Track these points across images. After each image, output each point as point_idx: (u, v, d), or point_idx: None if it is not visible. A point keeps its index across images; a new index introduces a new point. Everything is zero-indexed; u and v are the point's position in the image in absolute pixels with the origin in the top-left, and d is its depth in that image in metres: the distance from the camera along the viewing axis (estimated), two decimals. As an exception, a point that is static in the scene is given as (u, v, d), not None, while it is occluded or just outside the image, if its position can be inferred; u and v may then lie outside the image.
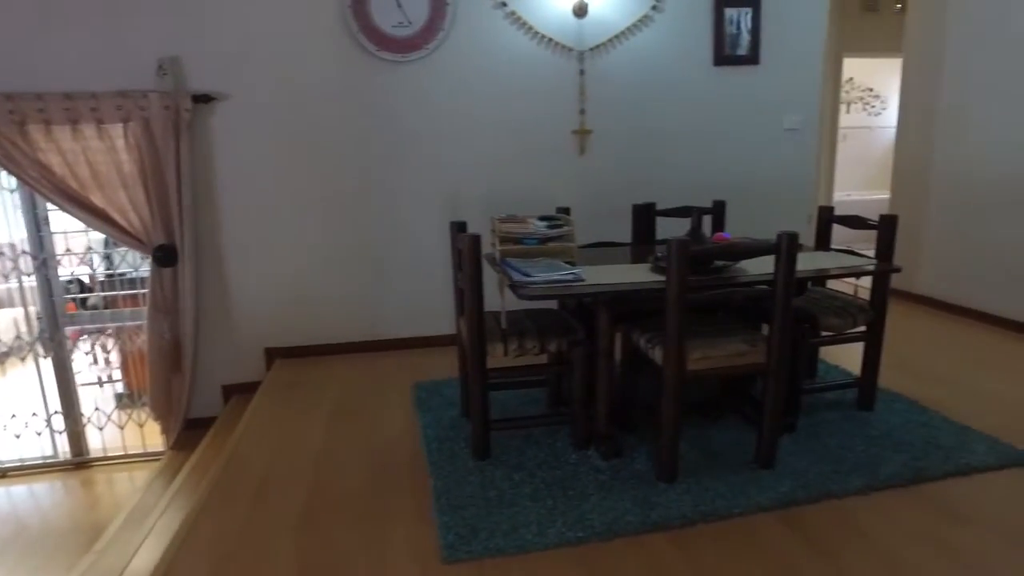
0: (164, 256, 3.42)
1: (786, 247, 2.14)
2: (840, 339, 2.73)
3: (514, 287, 2.24)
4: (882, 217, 2.67)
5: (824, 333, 2.69)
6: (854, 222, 2.87)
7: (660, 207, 3.94)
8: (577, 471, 2.41)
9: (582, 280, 2.30)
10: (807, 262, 2.60)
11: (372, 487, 2.40)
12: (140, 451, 3.84)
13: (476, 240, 2.29)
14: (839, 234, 3.05)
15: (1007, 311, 4.09)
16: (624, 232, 3.52)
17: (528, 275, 2.31)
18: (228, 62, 3.43)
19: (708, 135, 4.04)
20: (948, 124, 4.40)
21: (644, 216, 3.30)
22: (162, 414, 3.65)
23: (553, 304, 2.96)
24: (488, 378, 2.42)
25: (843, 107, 7.89)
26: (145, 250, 3.44)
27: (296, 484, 2.44)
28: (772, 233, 2.17)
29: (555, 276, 2.30)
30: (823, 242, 3.05)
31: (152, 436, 3.84)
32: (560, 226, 2.73)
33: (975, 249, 4.26)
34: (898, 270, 2.55)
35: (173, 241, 3.44)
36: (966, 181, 4.30)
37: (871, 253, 2.73)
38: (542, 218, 2.84)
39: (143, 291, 3.62)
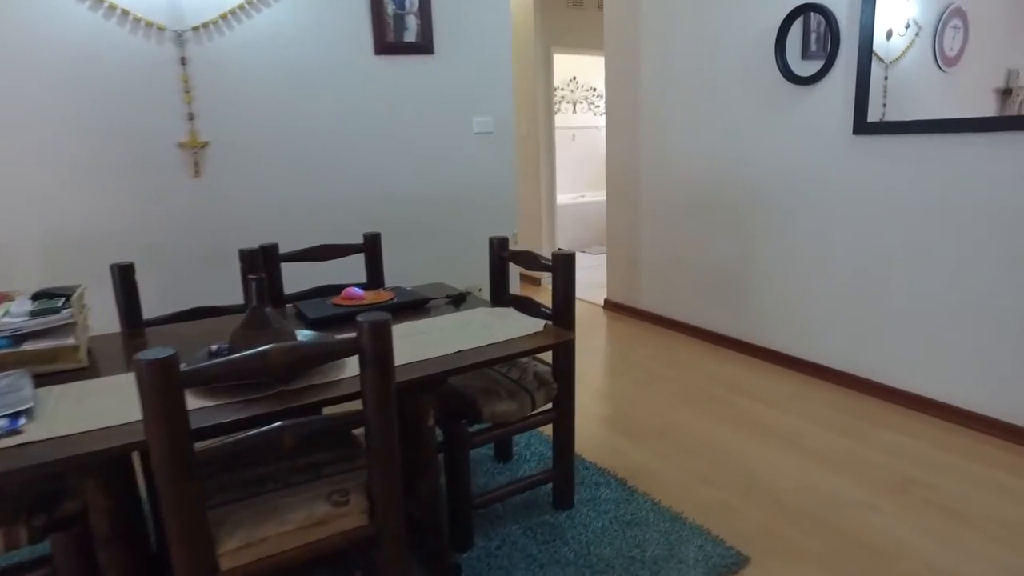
0: None
1: (370, 341, 1.29)
2: (518, 427, 1.99)
3: None
4: (555, 256, 1.97)
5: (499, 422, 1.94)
6: (528, 260, 2.16)
7: (314, 241, 3.02)
8: None
9: (16, 429, 1.25)
10: (449, 334, 1.81)
11: None
12: None
13: None
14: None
15: (706, 323, 3.83)
16: (249, 285, 2.51)
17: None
18: None
19: (378, 145, 3.18)
20: (649, 128, 4.04)
21: (260, 265, 2.31)
22: None
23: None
24: None
25: (571, 106, 7.67)
26: None
27: None
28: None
29: (-38, 430, 1.22)
30: (499, 284, 2.32)
31: None
32: (56, 309, 1.64)
33: (676, 260, 3.95)
34: (569, 341, 1.83)
35: None
36: (666, 188, 3.96)
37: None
38: (36, 295, 1.73)
39: None
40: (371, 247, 2.51)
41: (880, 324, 2.95)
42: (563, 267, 1.94)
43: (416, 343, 1.73)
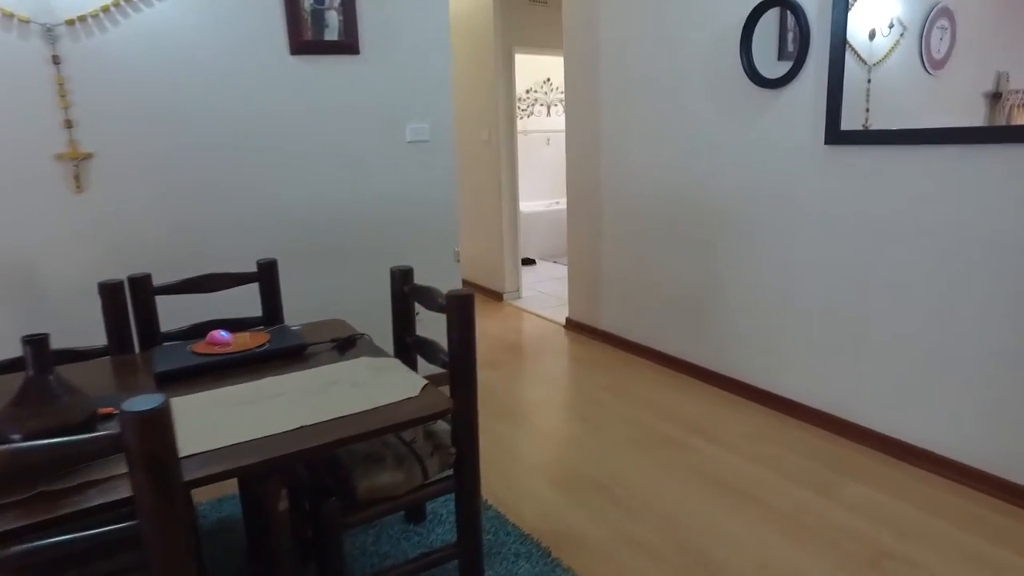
0: None
1: (137, 439, 0.96)
2: (406, 502, 1.66)
3: None
4: (449, 298, 1.64)
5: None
6: (426, 298, 1.83)
7: (217, 267, 2.70)
8: None
9: None
10: (309, 396, 1.47)
11: None
12: None
13: None
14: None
15: (669, 348, 3.51)
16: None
17: None
18: None
19: (294, 156, 2.84)
20: (610, 136, 3.71)
21: (129, 299, 1.97)
22: None
23: None
24: None
25: (544, 109, 7.35)
26: None
27: None
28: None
29: None
30: (402, 323, 1.99)
31: None
32: None
33: (638, 278, 3.61)
34: (445, 413, 1.48)
35: None
36: (627, 200, 3.63)
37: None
38: None
39: None
40: (266, 276, 2.17)
41: (855, 357, 2.63)
42: (459, 312, 1.62)
43: (264, 411, 1.40)
